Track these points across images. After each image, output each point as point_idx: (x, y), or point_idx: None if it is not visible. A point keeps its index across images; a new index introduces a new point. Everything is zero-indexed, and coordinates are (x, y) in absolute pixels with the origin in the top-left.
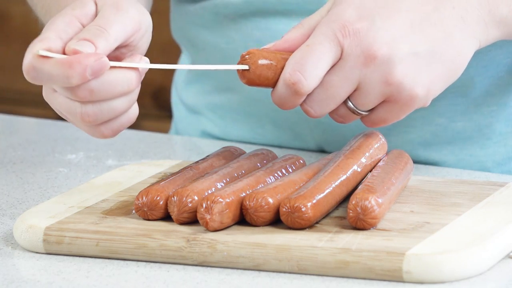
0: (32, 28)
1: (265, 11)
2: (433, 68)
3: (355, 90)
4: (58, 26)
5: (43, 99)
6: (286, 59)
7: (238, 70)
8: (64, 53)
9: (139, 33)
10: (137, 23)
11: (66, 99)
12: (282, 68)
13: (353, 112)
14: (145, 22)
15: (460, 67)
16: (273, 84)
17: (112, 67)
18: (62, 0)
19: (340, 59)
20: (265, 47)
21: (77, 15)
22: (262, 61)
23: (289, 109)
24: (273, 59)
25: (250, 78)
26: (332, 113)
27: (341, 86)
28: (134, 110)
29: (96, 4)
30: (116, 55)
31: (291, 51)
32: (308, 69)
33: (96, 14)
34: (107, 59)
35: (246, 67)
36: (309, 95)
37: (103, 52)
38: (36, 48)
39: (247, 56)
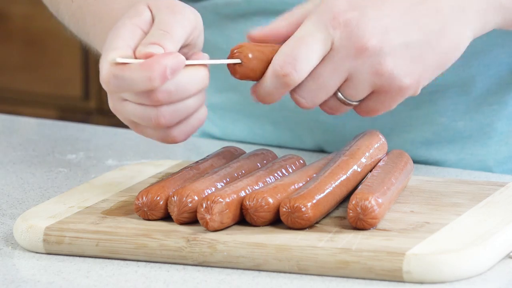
0: (32, 28)
1: (265, 11)
2: (424, 58)
3: (345, 81)
4: (124, 34)
5: (43, 99)
6: (276, 50)
7: (229, 65)
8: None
9: (196, 32)
10: (193, 23)
11: (138, 106)
12: None
13: (343, 103)
14: (200, 21)
15: (453, 57)
16: None
17: (185, 65)
18: (102, 12)
19: (330, 50)
20: (250, 33)
21: (137, 23)
22: (253, 54)
23: (271, 102)
24: (264, 51)
25: (243, 72)
26: (322, 105)
27: (331, 77)
28: (204, 111)
29: (151, 11)
30: None
31: (278, 40)
32: (299, 61)
33: (153, 20)
34: (182, 56)
35: (238, 61)
36: (299, 85)
37: None
38: (111, 57)
39: (236, 50)
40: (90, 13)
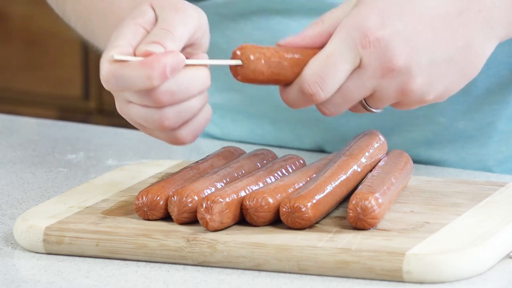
0: (32, 28)
1: (266, 11)
2: (449, 74)
3: (370, 94)
4: (126, 34)
5: (43, 99)
6: (279, 52)
7: (231, 67)
8: None
9: (200, 31)
10: (197, 21)
11: (142, 108)
12: (278, 61)
13: (365, 108)
14: (204, 20)
15: (477, 70)
16: (268, 79)
17: (186, 65)
18: (108, 11)
19: (358, 66)
20: (279, 42)
21: (139, 22)
22: (255, 55)
23: (297, 108)
24: (266, 52)
25: (244, 74)
26: None
27: (357, 92)
28: (208, 109)
29: (154, 10)
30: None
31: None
32: (327, 82)
33: (156, 20)
34: (182, 55)
35: (239, 62)
36: None
37: None
38: (110, 54)
39: (238, 52)
40: (96, 12)
